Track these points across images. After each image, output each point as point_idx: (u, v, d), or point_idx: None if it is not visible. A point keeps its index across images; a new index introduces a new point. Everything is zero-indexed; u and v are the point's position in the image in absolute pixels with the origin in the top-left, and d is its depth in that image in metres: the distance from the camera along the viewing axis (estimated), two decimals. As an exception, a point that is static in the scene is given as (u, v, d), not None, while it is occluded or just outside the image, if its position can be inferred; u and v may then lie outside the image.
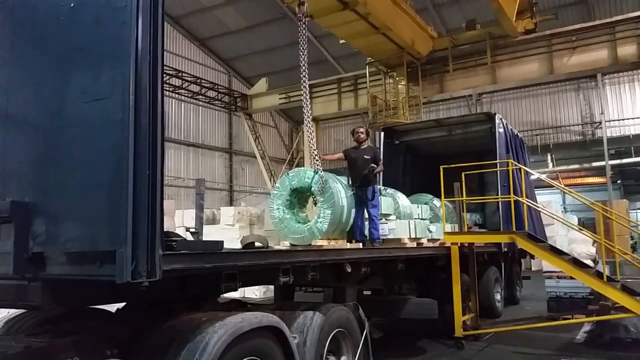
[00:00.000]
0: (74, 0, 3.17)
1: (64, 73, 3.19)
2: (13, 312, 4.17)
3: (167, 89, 21.15)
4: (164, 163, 2.93)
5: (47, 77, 3.28)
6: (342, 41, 16.92)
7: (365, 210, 7.03)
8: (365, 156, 7.18)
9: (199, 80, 23.38)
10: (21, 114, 3.39)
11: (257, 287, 11.38)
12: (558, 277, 9.43)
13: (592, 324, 7.96)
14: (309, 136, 7.31)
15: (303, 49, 6.72)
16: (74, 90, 3.11)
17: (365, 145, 7.45)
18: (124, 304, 4.31)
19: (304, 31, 6.80)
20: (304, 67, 6.70)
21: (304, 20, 6.85)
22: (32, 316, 4.11)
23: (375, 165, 7.05)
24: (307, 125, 7.02)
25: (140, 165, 2.77)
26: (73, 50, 3.18)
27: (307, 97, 6.88)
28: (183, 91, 22.70)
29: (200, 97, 23.70)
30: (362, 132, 7.42)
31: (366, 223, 7.07)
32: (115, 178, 2.78)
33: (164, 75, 3.05)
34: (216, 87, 24.56)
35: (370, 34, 15.40)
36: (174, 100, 23.17)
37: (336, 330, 4.70)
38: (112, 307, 4.29)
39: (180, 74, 22.25)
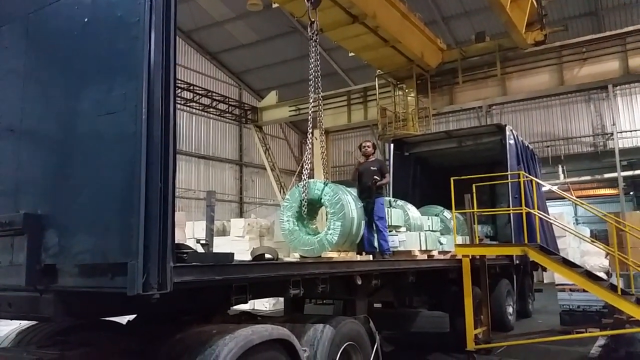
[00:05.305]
0: (88, 15, 3.22)
1: (78, 87, 3.23)
2: (24, 323, 4.19)
3: (179, 102, 21.29)
4: (175, 175, 2.95)
5: (61, 90, 3.32)
6: (351, 54, 16.98)
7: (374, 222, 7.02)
8: (371, 168, 7.20)
9: (210, 93, 23.56)
10: (35, 127, 3.43)
11: (266, 299, 11.35)
12: (571, 290, 9.33)
13: (606, 338, 7.83)
14: (309, 149, 7.30)
15: (315, 66, 6.75)
16: (88, 103, 3.14)
17: (373, 158, 7.49)
18: (134, 316, 4.32)
19: (315, 48, 6.82)
20: (313, 82, 6.75)
21: (314, 38, 6.89)
22: (43, 328, 4.12)
23: (378, 177, 7.06)
24: (310, 138, 7.05)
25: (153, 177, 2.79)
26: (86, 64, 3.21)
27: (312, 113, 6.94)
28: (194, 104, 22.88)
29: (211, 109, 23.87)
30: (368, 146, 7.49)
31: (375, 235, 7.04)
32: (128, 190, 2.80)
33: (176, 88, 3.07)
34: (227, 100, 24.72)
35: (380, 46, 15.44)
36: (185, 112, 23.42)
37: (347, 343, 4.66)
38: (123, 319, 4.30)
39: (191, 87, 22.44)
